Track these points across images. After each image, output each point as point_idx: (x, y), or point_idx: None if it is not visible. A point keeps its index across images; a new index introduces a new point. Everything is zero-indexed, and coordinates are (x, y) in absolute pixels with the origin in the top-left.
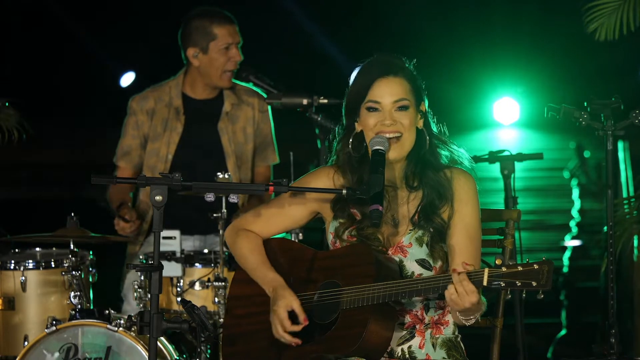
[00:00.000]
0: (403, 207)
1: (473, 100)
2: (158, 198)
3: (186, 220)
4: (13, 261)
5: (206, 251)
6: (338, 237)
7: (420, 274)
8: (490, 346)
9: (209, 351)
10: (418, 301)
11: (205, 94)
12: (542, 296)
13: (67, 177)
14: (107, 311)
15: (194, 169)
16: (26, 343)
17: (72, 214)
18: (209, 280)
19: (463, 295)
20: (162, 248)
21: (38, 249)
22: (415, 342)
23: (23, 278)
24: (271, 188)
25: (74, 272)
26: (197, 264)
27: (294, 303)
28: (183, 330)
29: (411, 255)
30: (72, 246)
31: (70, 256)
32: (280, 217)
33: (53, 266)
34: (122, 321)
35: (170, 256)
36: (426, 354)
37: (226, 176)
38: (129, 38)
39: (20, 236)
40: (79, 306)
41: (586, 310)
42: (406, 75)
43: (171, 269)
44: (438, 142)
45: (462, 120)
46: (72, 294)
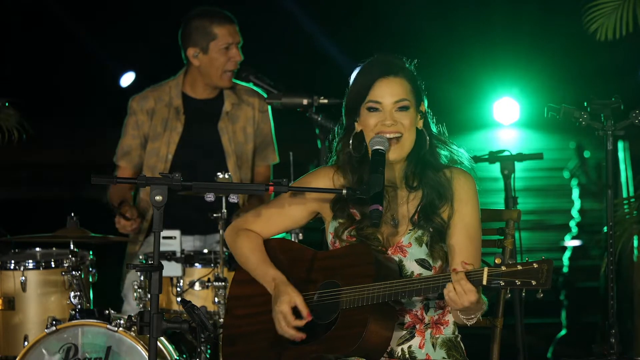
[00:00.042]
0: (403, 207)
1: (473, 100)
2: (158, 198)
3: (186, 220)
4: (13, 261)
5: (206, 251)
6: (338, 237)
7: (419, 274)
8: (490, 346)
9: (209, 351)
10: (418, 301)
11: (205, 94)
12: (542, 295)
13: (67, 177)
14: (107, 311)
15: (194, 169)
16: (26, 343)
17: (72, 214)
18: (209, 280)
19: (461, 294)
20: (162, 248)
21: (38, 249)
22: (415, 342)
23: (23, 278)
24: (271, 188)
25: (74, 272)
26: (197, 264)
27: (297, 299)
28: (183, 330)
29: (411, 255)
30: (72, 246)
31: (70, 256)
32: (280, 217)
33: (53, 266)
34: (122, 321)
35: (170, 256)
36: (426, 354)
37: (226, 176)
38: (129, 38)
39: (20, 236)
40: (79, 306)
41: (586, 310)
42: (407, 75)
43: (171, 269)
44: (438, 142)
45: (462, 120)
46: (72, 294)
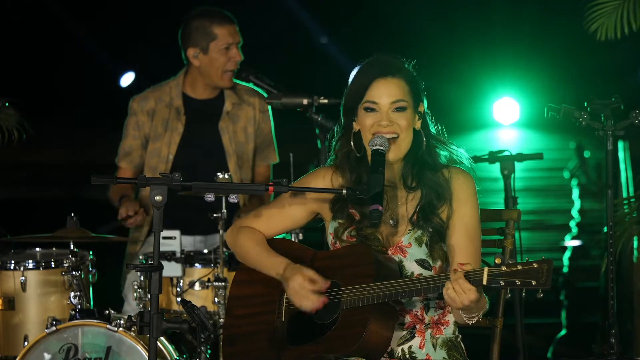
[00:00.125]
0: (402, 207)
1: (473, 100)
2: (158, 198)
3: (186, 220)
4: (13, 261)
5: (206, 251)
6: (338, 238)
7: (420, 274)
8: (490, 346)
9: (209, 351)
10: (418, 301)
11: (205, 94)
12: (542, 295)
13: (67, 177)
14: (107, 311)
15: (195, 169)
16: (26, 343)
17: (72, 214)
18: (209, 280)
19: (460, 292)
20: (162, 248)
21: (38, 249)
22: (415, 342)
23: (23, 278)
24: (271, 188)
25: (74, 272)
26: (197, 264)
27: (309, 272)
28: (183, 330)
29: (411, 255)
30: (72, 246)
31: (70, 256)
32: (280, 218)
33: (53, 266)
34: (122, 321)
35: (170, 256)
36: (426, 354)
37: (226, 176)
38: (129, 38)
39: (20, 236)
40: (79, 306)
41: (586, 310)
42: (405, 76)
43: (171, 269)
44: (437, 143)
45: (462, 120)
46: (72, 294)
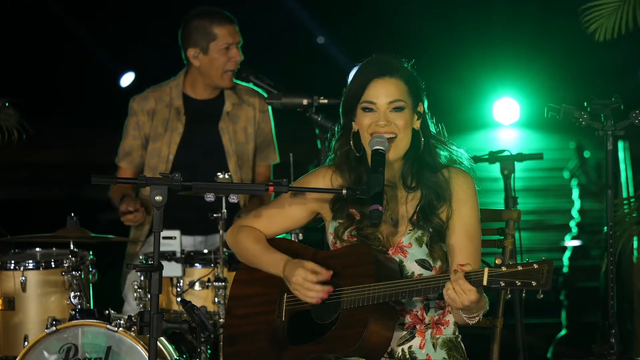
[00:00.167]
0: (402, 207)
1: (473, 100)
2: (158, 198)
3: (186, 220)
4: (13, 261)
5: (206, 251)
6: (338, 238)
7: (420, 274)
8: (490, 346)
9: (209, 351)
10: (418, 301)
11: (206, 94)
12: (542, 296)
13: (67, 177)
14: (107, 311)
15: (195, 169)
16: (26, 343)
17: (72, 214)
18: (209, 280)
19: (460, 293)
20: (162, 248)
21: (38, 249)
22: (415, 343)
23: (23, 278)
24: (271, 188)
25: (74, 272)
26: (197, 264)
27: (309, 264)
28: (183, 330)
29: (411, 255)
30: (72, 246)
31: (70, 256)
32: (280, 217)
33: (53, 266)
34: (122, 321)
35: (170, 256)
36: (426, 354)
37: (226, 176)
38: (129, 38)
39: (20, 236)
40: (79, 306)
41: (586, 310)
42: (403, 76)
43: (171, 269)
44: (437, 143)
45: (462, 120)
46: (72, 294)
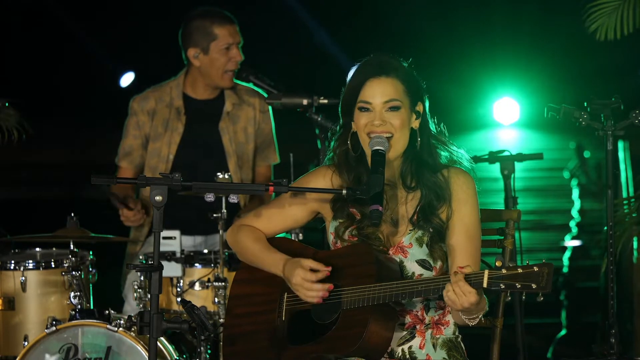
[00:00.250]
0: (402, 207)
1: (473, 100)
2: (158, 198)
3: (186, 220)
4: (13, 261)
5: (206, 251)
6: (339, 237)
7: (420, 275)
8: (490, 346)
9: (209, 351)
10: (418, 301)
11: (206, 94)
12: (542, 298)
13: (67, 177)
14: (107, 311)
15: (195, 169)
16: (26, 343)
17: (72, 214)
18: (209, 280)
19: (460, 295)
20: (162, 248)
21: (38, 249)
22: (415, 343)
23: (23, 278)
24: (271, 188)
25: (74, 272)
26: (197, 264)
27: (307, 261)
28: (183, 330)
29: (411, 255)
30: (72, 246)
31: (70, 256)
32: (280, 217)
33: (53, 266)
34: (122, 321)
35: (170, 256)
36: (426, 355)
37: (226, 176)
38: (129, 38)
39: (20, 236)
40: (79, 306)
41: (586, 310)
42: (400, 75)
43: (171, 269)
44: (437, 143)
45: (462, 120)
46: (72, 294)
